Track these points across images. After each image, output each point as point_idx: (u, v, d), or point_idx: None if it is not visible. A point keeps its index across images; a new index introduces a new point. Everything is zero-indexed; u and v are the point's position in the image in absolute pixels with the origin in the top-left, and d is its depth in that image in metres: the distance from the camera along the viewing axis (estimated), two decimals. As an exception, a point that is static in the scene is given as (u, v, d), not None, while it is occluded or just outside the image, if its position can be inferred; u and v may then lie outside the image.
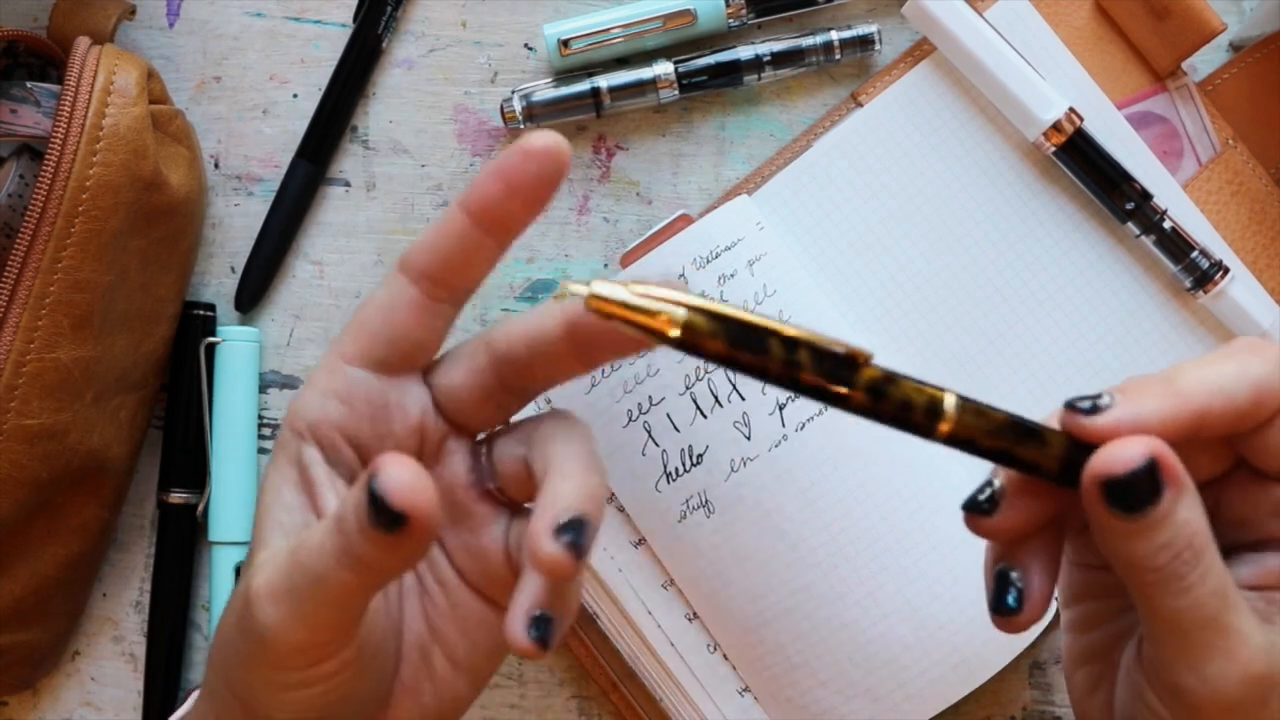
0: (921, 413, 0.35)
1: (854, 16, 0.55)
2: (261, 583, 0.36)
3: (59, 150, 0.48)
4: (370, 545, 0.33)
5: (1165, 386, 0.35)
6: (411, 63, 0.56)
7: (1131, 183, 0.52)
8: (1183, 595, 0.34)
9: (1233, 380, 0.35)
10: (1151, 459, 0.34)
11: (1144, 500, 0.34)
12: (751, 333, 0.34)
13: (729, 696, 0.53)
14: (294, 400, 0.40)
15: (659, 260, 0.51)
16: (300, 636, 0.36)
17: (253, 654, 0.37)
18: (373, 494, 0.33)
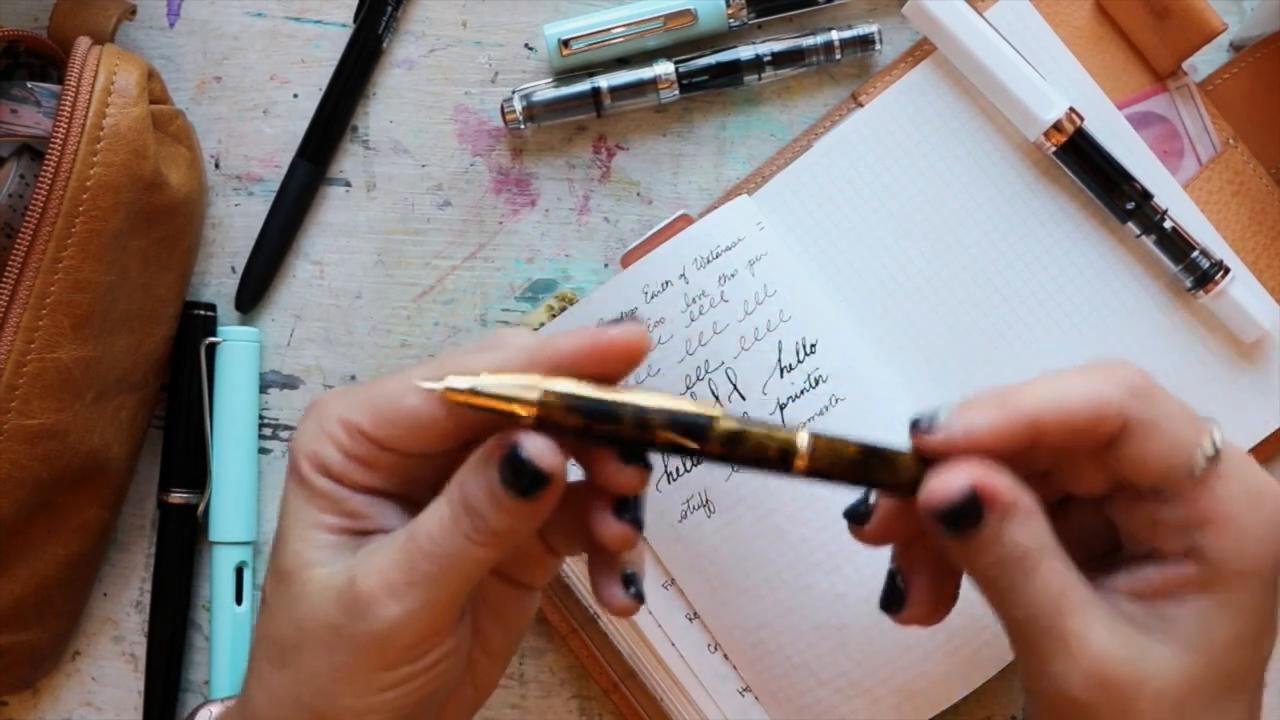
0: (775, 455, 0.38)
1: (854, 16, 0.55)
2: (376, 584, 0.37)
3: (59, 150, 0.48)
4: (505, 515, 0.37)
5: (1000, 400, 0.38)
6: (412, 63, 0.56)
7: (1132, 182, 0.52)
8: (1018, 606, 0.38)
9: (1071, 396, 0.38)
10: (970, 489, 0.37)
11: (969, 523, 0.37)
12: (604, 407, 0.37)
13: (729, 696, 0.53)
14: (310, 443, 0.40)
15: (660, 260, 0.51)
16: (424, 625, 0.38)
17: (353, 662, 0.38)
18: (515, 464, 0.36)
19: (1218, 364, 0.53)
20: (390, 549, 0.38)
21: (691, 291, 0.51)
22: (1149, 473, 0.38)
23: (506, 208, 0.56)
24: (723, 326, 0.51)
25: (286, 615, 0.39)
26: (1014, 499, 0.38)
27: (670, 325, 0.51)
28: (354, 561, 0.39)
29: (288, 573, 0.39)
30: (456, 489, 0.38)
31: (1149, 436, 0.38)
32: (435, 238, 0.56)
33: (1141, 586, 0.39)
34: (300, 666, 0.39)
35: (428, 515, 0.38)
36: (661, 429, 0.37)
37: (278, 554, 0.40)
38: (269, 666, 0.40)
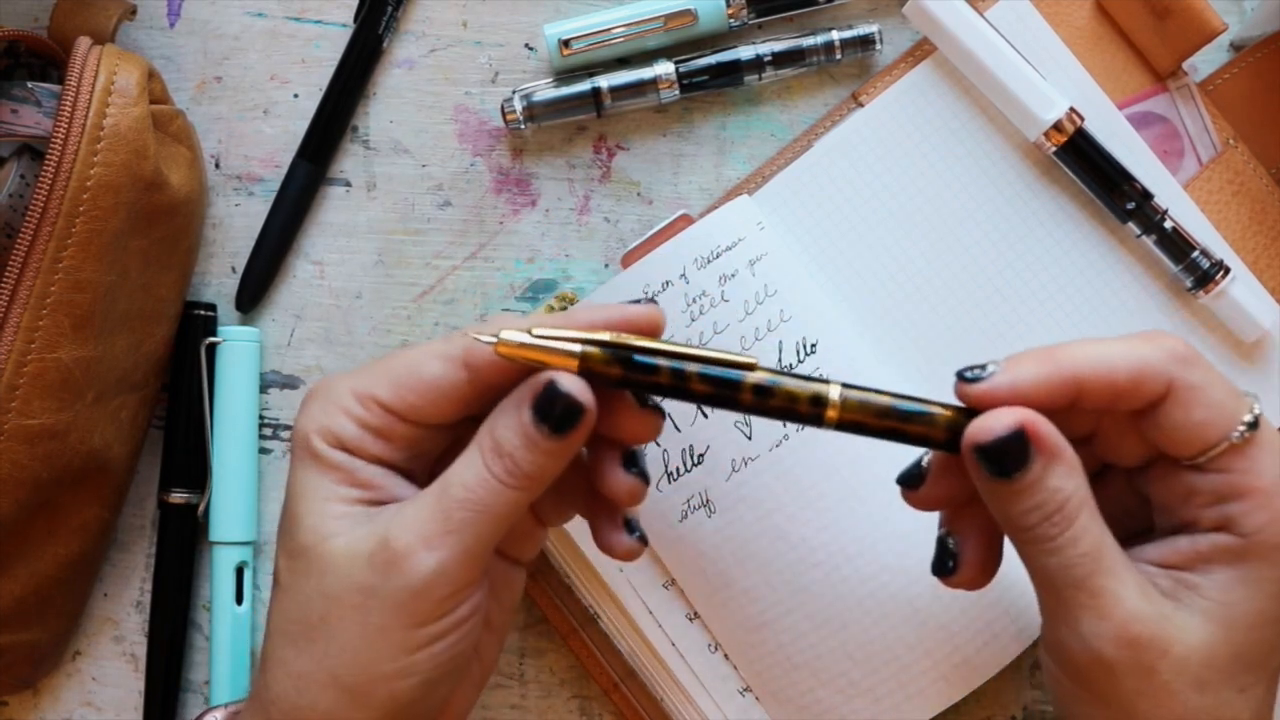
0: (807, 404, 0.39)
1: (855, 16, 0.55)
2: (413, 537, 0.38)
3: (60, 150, 0.48)
4: (539, 454, 0.39)
5: (1046, 356, 0.39)
6: (412, 63, 0.56)
7: (1132, 182, 0.52)
8: (1053, 555, 0.38)
9: (1115, 357, 0.39)
10: (1020, 428, 0.38)
11: (1014, 465, 0.38)
12: (642, 356, 0.39)
13: (730, 696, 0.53)
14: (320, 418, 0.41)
15: (660, 260, 0.51)
16: (458, 575, 0.39)
17: (387, 622, 0.39)
18: (551, 398, 0.39)
19: (1218, 364, 0.53)
20: (422, 503, 0.39)
21: (692, 291, 0.51)
22: (1188, 439, 0.39)
23: (507, 208, 0.56)
24: (723, 326, 0.51)
25: (310, 590, 0.40)
26: (1060, 446, 0.38)
27: (671, 325, 0.51)
28: (380, 524, 0.39)
29: (306, 548, 0.40)
30: (487, 436, 0.39)
31: (1191, 402, 0.38)
32: (435, 238, 0.56)
33: (1171, 556, 0.40)
34: (330, 639, 0.39)
35: (459, 466, 0.40)
36: (697, 380, 0.39)
37: (292, 533, 0.40)
38: (291, 650, 0.40)
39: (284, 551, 0.41)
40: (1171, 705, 0.39)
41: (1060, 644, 0.40)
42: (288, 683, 0.40)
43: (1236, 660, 0.39)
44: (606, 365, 0.39)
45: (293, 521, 0.41)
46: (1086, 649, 0.39)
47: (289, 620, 0.40)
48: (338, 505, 0.40)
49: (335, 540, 0.39)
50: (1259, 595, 0.39)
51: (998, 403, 0.39)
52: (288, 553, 0.41)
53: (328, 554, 0.39)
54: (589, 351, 0.39)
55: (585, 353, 0.39)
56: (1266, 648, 0.39)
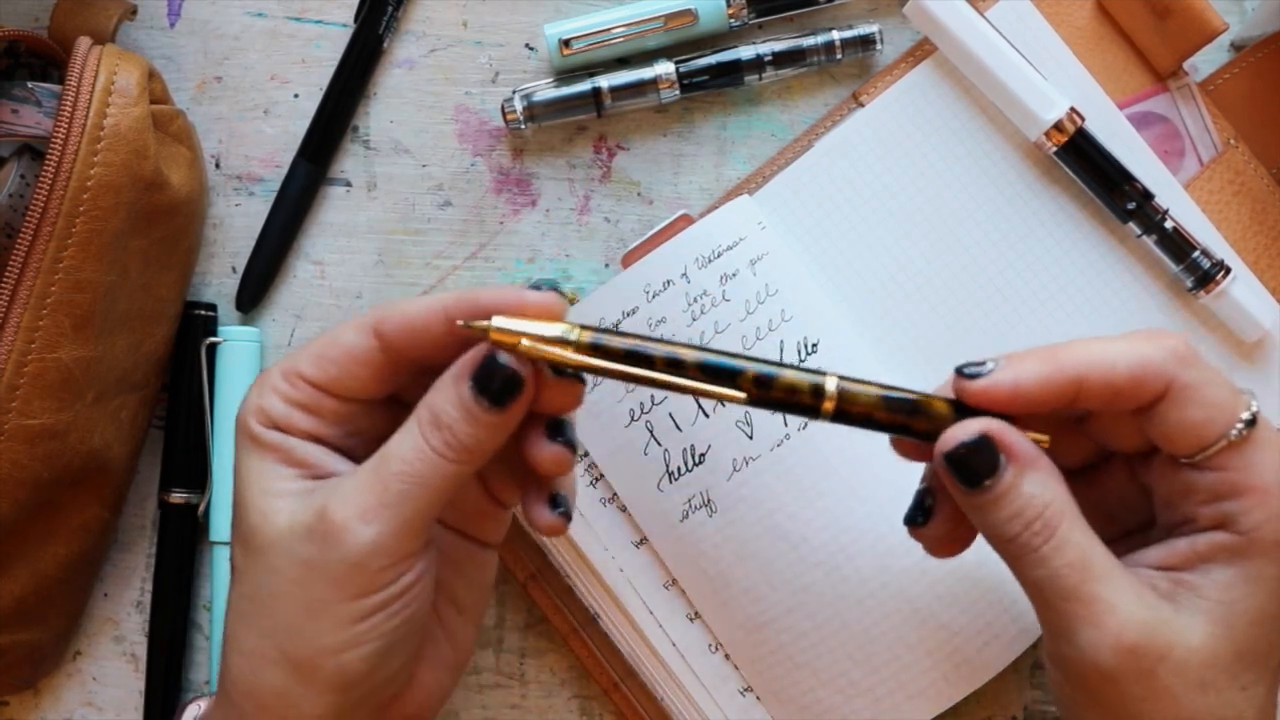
0: (807, 395, 0.39)
1: (855, 16, 0.55)
2: (350, 510, 0.39)
3: (60, 150, 0.48)
4: (478, 427, 0.39)
5: (1047, 354, 0.39)
6: (412, 63, 0.56)
7: (1133, 182, 0.52)
8: (1039, 566, 0.38)
9: (1116, 356, 0.39)
10: (984, 435, 0.38)
11: (983, 474, 0.38)
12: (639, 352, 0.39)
13: (730, 696, 0.52)
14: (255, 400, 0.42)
15: (661, 260, 0.51)
16: (396, 546, 0.39)
17: (328, 593, 0.39)
18: (490, 371, 0.39)
19: (1219, 364, 0.53)
20: (359, 476, 0.40)
21: (693, 291, 0.51)
22: (1186, 437, 0.39)
23: (507, 208, 0.56)
24: (724, 326, 0.51)
25: (256, 568, 0.40)
26: (1031, 454, 0.38)
27: (671, 324, 0.51)
28: (318, 497, 0.40)
29: (252, 530, 0.40)
30: (425, 409, 0.40)
31: (1189, 402, 0.38)
32: (436, 238, 0.56)
33: (1170, 558, 0.40)
34: (275, 615, 0.40)
35: (397, 439, 0.40)
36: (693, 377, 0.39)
37: (240, 519, 0.41)
38: (242, 628, 0.41)
39: (237, 539, 0.42)
40: (1175, 708, 0.38)
41: (1061, 655, 0.40)
42: (241, 662, 0.41)
43: (1238, 659, 0.39)
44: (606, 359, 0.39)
45: (240, 506, 0.41)
46: (1085, 659, 0.38)
47: (241, 599, 0.41)
48: (278, 483, 0.41)
49: (278, 516, 0.40)
50: (1259, 593, 0.39)
51: (997, 400, 0.39)
52: (239, 539, 0.41)
53: (271, 530, 0.40)
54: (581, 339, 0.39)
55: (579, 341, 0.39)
56: (1267, 645, 0.39)
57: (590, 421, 0.52)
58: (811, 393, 0.39)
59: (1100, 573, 0.38)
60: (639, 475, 0.52)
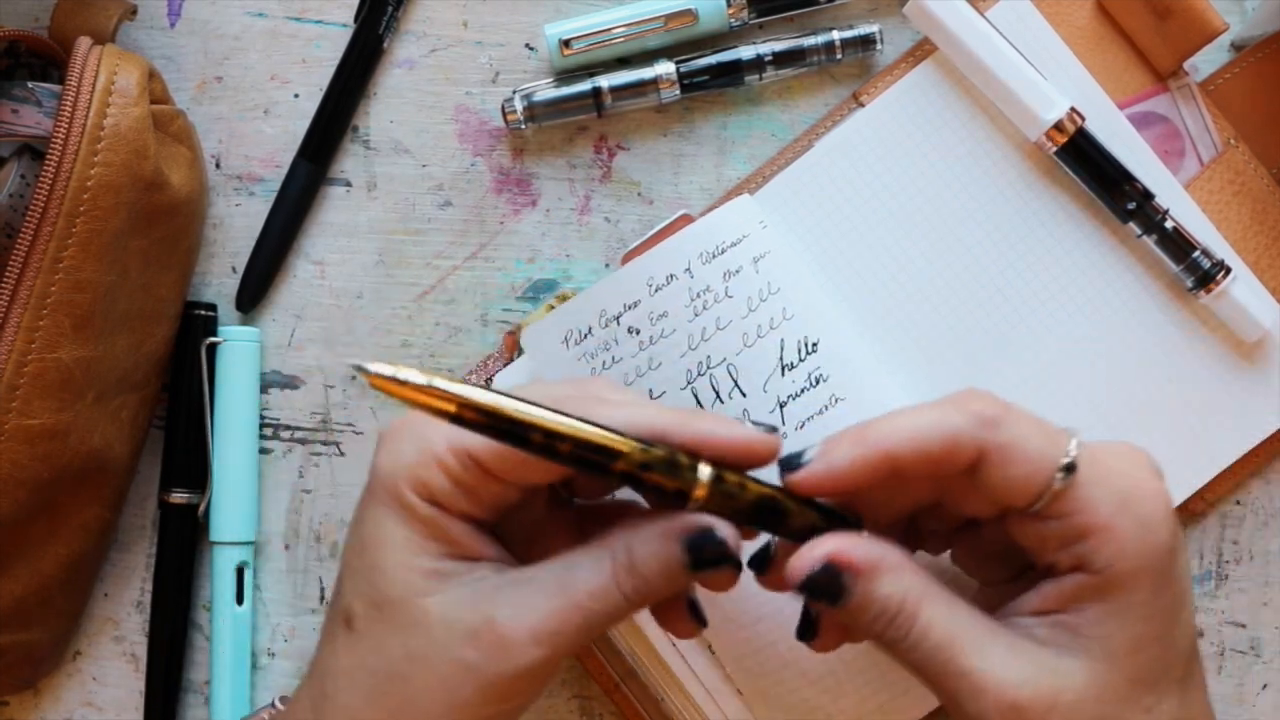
0: (673, 493, 0.39)
1: (855, 16, 0.55)
2: (523, 629, 0.39)
3: (60, 150, 0.48)
4: (672, 584, 0.40)
5: (858, 435, 0.40)
6: (413, 63, 0.56)
7: (1133, 182, 0.52)
8: (911, 653, 0.39)
9: (926, 429, 0.39)
10: (826, 561, 0.39)
11: (836, 594, 0.39)
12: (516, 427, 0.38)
13: (730, 696, 0.52)
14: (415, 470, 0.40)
15: (664, 254, 0.51)
16: (554, 668, 0.40)
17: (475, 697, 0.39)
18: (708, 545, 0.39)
19: (1219, 364, 0.53)
20: (537, 593, 0.39)
21: (696, 286, 0.51)
22: (1015, 494, 0.39)
23: (507, 208, 0.56)
24: (726, 322, 0.51)
25: (394, 645, 0.39)
26: (874, 560, 0.39)
27: (673, 319, 0.51)
28: (485, 599, 0.39)
29: (394, 601, 0.39)
30: (624, 553, 0.40)
31: (1005, 461, 0.39)
32: (436, 238, 0.56)
33: (1044, 602, 0.40)
34: (408, 700, 0.39)
35: (587, 572, 0.40)
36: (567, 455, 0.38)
37: (375, 583, 0.40)
38: (361, 699, 0.40)
39: (363, 599, 0.40)
40: None
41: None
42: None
43: (1133, 686, 0.39)
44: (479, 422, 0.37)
45: (375, 571, 0.40)
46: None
47: (363, 669, 0.40)
48: (425, 560, 0.40)
49: (427, 600, 0.39)
50: (1132, 620, 0.39)
51: (817, 487, 0.40)
52: (370, 601, 0.40)
53: (420, 614, 0.39)
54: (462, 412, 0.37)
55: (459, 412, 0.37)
56: (1160, 664, 0.40)
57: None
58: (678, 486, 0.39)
59: (967, 645, 0.39)
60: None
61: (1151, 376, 0.53)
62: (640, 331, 0.51)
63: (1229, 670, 0.55)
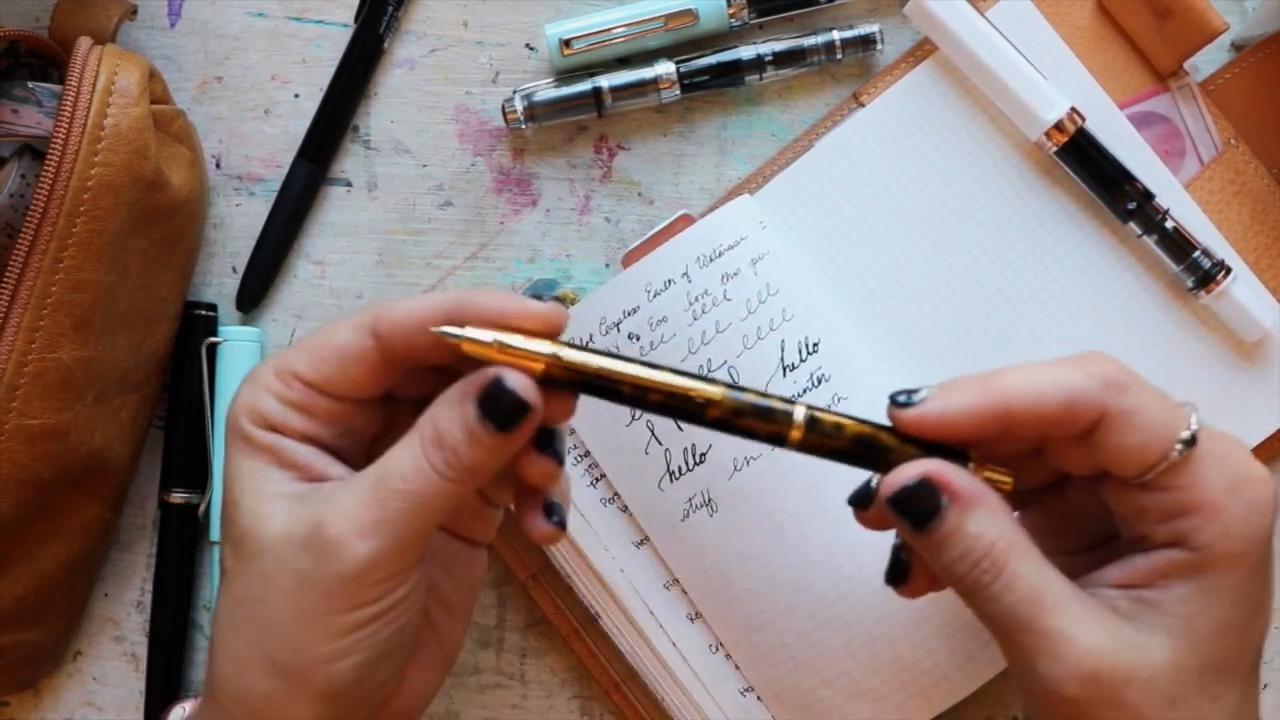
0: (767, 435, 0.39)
1: (855, 16, 0.55)
2: (347, 525, 0.38)
3: (60, 150, 0.48)
4: (481, 449, 0.39)
5: (979, 384, 0.39)
6: (413, 63, 0.56)
7: (1133, 182, 0.52)
8: (992, 602, 0.39)
9: (1045, 386, 0.39)
10: (924, 478, 0.39)
11: (927, 515, 0.39)
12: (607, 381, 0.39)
13: (731, 696, 0.52)
14: (247, 400, 0.41)
15: (662, 259, 0.51)
16: (392, 562, 0.39)
17: (321, 605, 0.39)
18: (499, 396, 0.38)
19: (1219, 364, 0.53)
20: (357, 489, 0.39)
21: (694, 290, 0.51)
22: (1128, 462, 0.39)
23: (507, 208, 0.56)
24: (725, 325, 0.51)
25: (250, 574, 0.40)
26: (973, 492, 0.39)
27: (673, 323, 0.51)
28: (313, 507, 0.39)
29: (244, 533, 0.40)
30: (428, 426, 0.39)
31: (1125, 427, 0.39)
32: (436, 238, 0.56)
33: (1129, 576, 0.40)
34: (265, 622, 0.39)
35: (396, 454, 0.39)
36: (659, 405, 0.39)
37: (231, 521, 0.41)
38: (232, 633, 0.40)
39: (227, 540, 0.41)
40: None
41: (1027, 686, 0.40)
42: (229, 667, 0.40)
43: (1206, 670, 0.39)
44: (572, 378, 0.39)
45: (231, 508, 0.41)
46: (1049, 691, 0.38)
47: (231, 604, 0.41)
48: (271, 486, 0.40)
49: (271, 522, 0.40)
50: (1219, 604, 0.39)
51: (926, 429, 0.39)
52: (229, 541, 0.41)
53: (264, 537, 0.40)
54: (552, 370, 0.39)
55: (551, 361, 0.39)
56: (1234, 654, 0.39)
57: (591, 421, 0.52)
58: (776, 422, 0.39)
59: (1054, 604, 0.38)
60: (640, 475, 0.52)
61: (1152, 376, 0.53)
62: (640, 337, 0.51)
63: (1229, 670, 0.55)
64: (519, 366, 0.39)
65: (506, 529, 0.54)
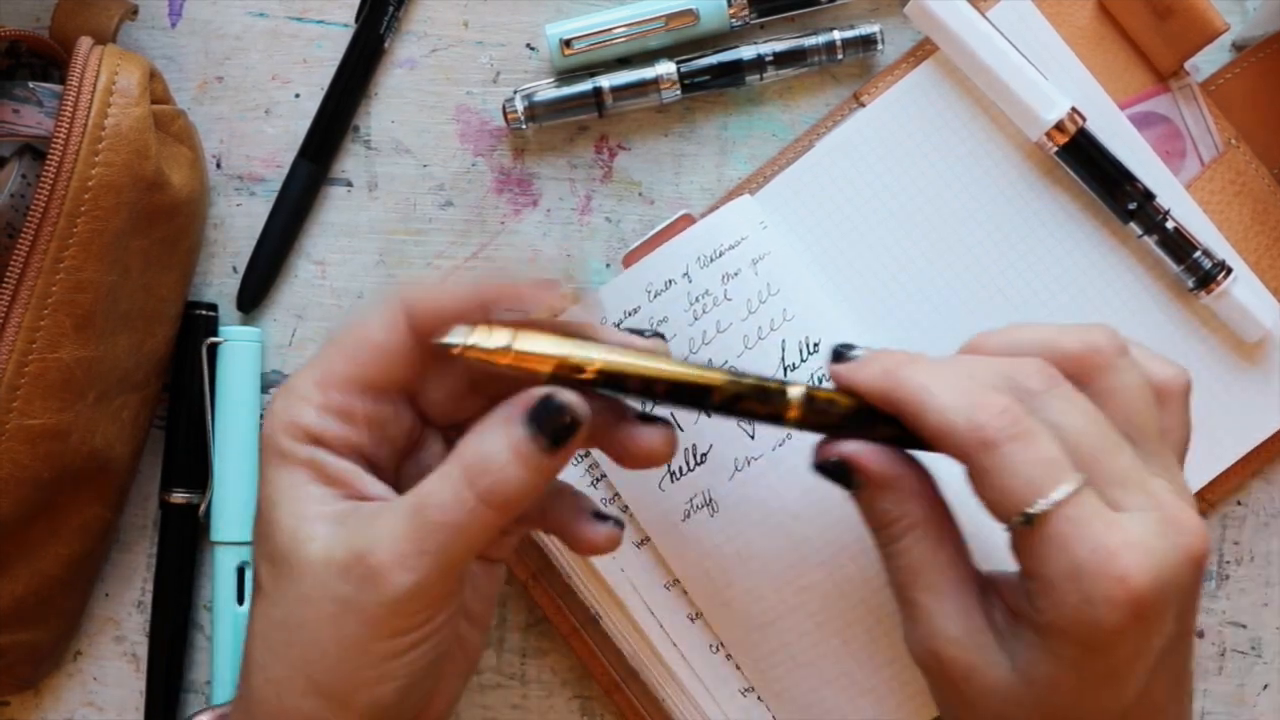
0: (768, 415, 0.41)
1: (856, 16, 0.55)
2: (386, 556, 0.38)
3: (61, 150, 0.48)
4: (526, 470, 0.39)
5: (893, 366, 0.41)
6: (413, 63, 0.56)
7: (1134, 183, 0.52)
8: (886, 559, 0.43)
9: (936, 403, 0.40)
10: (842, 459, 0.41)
11: (844, 484, 0.42)
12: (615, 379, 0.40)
13: (731, 696, 0.52)
14: (283, 414, 0.41)
15: (662, 259, 0.51)
16: (434, 592, 0.39)
17: (364, 633, 0.39)
18: (549, 411, 0.38)
19: (1220, 364, 0.53)
20: (396, 519, 0.39)
21: (695, 290, 0.51)
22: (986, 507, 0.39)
23: (508, 208, 0.56)
24: (726, 325, 0.51)
25: (290, 595, 0.39)
26: (886, 476, 0.41)
27: (673, 324, 0.51)
28: (355, 532, 0.39)
29: (285, 554, 0.40)
30: (472, 454, 0.39)
31: (981, 480, 0.39)
32: (437, 238, 0.56)
33: (1010, 597, 0.41)
34: (307, 646, 0.39)
35: (434, 485, 0.39)
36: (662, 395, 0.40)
37: (267, 538, 0.40)
38: (270, 655, 0.40)
39: (263, 558, 0.41)
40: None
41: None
42: (268, 688, 0.40)
43: (1040, 711, 0.39)
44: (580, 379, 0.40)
45: (269, 525, 0.40)
46: (908, 648, 0.43)
47: (270, 625, 0.40)
48: (311, 506, 0.40)
49: (312, 545, 0.39)
50: (1055, 665, 0.39)
51: (840, 385, 0.42)
52: (267, 559, 0.40)
53: (305, 559, 0.39)
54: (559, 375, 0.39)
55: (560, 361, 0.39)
56: (1074, 713, 0.39)
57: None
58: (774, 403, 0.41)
59: (927, 584, 0.41)
60: (640, 475, 0.51)
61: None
62: (641, 337, 0.51)
63: (1230, 671, 0.55)
64: (528, 369, 0.39)
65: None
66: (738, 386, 0.41)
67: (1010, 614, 0.41)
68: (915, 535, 0.41)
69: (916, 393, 0.40)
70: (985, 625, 0.41)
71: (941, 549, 0.41)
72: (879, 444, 0.42)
